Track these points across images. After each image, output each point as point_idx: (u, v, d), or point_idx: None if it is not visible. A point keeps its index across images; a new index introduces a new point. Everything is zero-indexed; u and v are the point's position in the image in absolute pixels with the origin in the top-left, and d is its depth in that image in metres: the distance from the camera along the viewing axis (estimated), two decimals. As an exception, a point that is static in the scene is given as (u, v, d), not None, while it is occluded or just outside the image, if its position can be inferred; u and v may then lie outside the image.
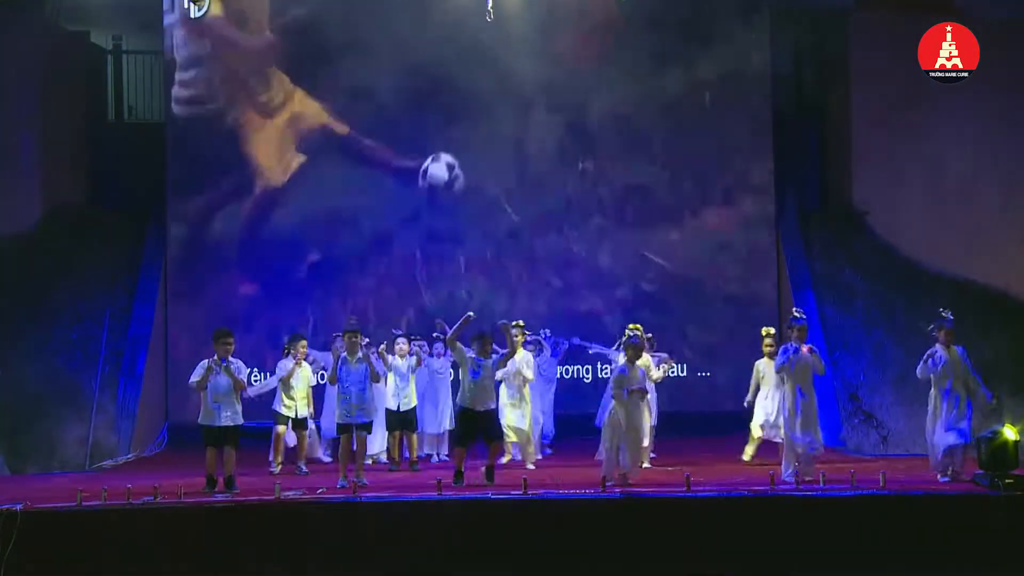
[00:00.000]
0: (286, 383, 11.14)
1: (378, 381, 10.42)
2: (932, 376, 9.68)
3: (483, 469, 9.79)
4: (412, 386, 11.38)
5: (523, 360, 11.00)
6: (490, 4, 12.75)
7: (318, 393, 11.80)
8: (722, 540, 8.44)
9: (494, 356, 9.99)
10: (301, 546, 8.43)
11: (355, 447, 9.89)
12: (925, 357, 9.68)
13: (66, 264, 13.79)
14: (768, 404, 10.66)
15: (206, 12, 13.97)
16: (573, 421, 12.48)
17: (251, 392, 11.06)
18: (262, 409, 11.58)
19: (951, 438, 9.46)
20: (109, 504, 8.57)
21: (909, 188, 14.05)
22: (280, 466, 11.09)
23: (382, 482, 9.93)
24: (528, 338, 11.49)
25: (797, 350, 9.70)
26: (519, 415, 10.97)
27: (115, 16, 14.69)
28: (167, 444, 13.88)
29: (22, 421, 12.37)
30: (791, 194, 14.96)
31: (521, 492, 8.77)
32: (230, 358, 9.65)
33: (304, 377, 11.24)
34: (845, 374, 12.60)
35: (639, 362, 9.92)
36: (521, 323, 11.38)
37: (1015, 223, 12.76)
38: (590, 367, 14.23)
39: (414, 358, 11.39)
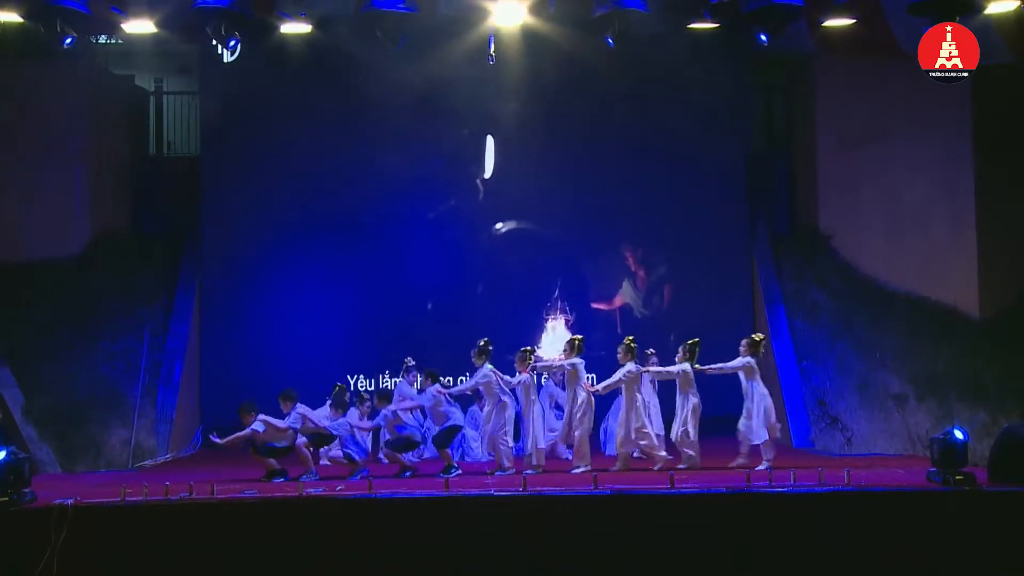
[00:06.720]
0: None
1: None
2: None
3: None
4: None
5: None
6: (492, 48, 12.74)
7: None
8: (700, 531, 8.44)
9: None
10: (322, 537, 8.43)
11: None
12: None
13: (111, 284, 13.80)
14: None
15: (237, 56, 13.99)
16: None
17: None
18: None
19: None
20: (149, 500, 8.59)
21: (868, 214, 14.11)
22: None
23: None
24: None
25: None
26: None
27: (157, 61, 14.80)
28: (201, 446, 13.89)
29: (72, 425, 12.40)
30: (763, 220, 15.01)
31: (520, 489, 8.81)
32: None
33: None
34: (812, 381, 12.60)
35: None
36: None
37: (962, 246, 12.79)
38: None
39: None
